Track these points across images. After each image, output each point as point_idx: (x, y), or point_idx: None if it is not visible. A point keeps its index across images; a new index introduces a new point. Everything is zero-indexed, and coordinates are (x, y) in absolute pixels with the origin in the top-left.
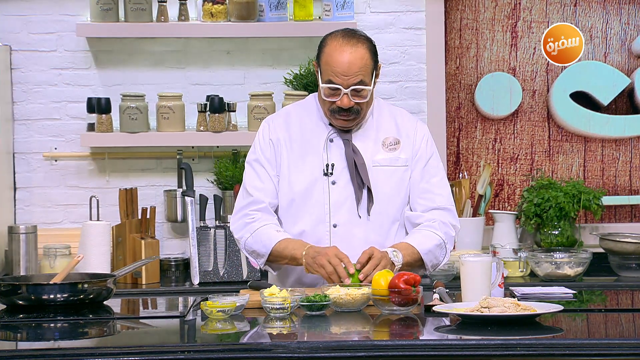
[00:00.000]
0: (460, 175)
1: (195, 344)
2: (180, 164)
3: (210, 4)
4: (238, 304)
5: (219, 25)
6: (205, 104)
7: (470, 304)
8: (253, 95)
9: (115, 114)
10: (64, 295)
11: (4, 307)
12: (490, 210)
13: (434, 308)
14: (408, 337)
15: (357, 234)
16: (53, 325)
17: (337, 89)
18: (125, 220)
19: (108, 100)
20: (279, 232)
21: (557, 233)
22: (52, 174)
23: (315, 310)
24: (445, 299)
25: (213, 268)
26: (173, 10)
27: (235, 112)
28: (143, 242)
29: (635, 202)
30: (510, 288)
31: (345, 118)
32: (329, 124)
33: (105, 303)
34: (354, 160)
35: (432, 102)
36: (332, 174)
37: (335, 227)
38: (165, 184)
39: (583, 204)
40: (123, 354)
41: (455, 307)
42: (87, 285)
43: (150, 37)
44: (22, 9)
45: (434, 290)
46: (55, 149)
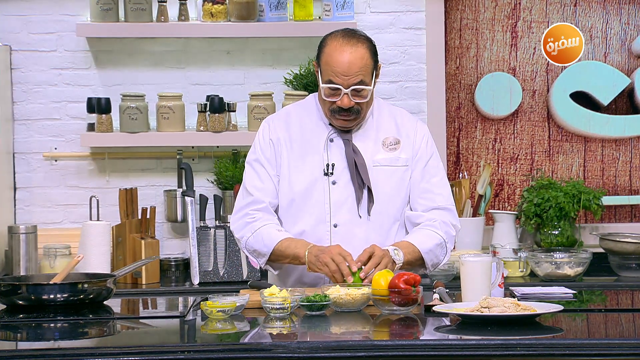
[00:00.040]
0: (460, 175)
1: (195, 344)
2: (180, 164)
3: (210, 4)
4: (238, 304)
5: (219, 25)
6: (205, 104)
7: (470, 304)
8: (253, 95)
9: (115, 114)
10: (64, 295)
11: (4, 307)
12: (490, 210)
13: (434, 308)
14: (408, 337)
15: (357, 234)
16: (53, 325)
17: (337, 89)
18: (125, 220)
19: (108, 100)
20: (280, 231)
21: (557, 233)
22: (52, 174)
23: (315, 310)
24: (445, 299)
25: (213, 268)
26: (173, 10)
27: (235, 112)
28: (143, 242)
29: (635, 202)
30: (510, 288)
31: (346, 118)
32: (329, 124)
33: (105, 303)
34: (355, 160)
35: (432, 102)
36: (332, 174)
37: (336, 227)
38: (165, 184)
39: (583, 204)
40: (123, 354)
41: (455, 307)
42: (87, 285)
43: (150, 37)
44: (22, 9)
45: (434, 290)
46: (55, 149)
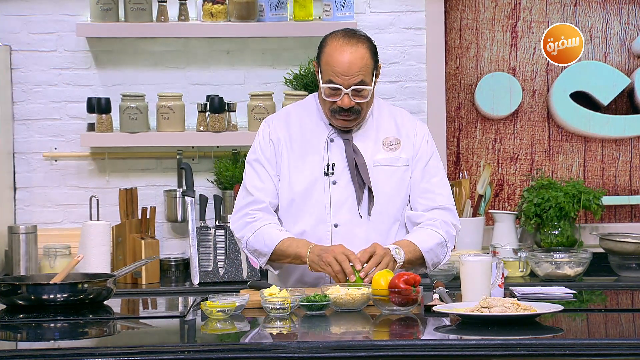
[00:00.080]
0: (460, 175)
1: (195, 344)
2: (180, 164)
3: (210, 4)
4: (238, 304)
5: (219, 25)
6: (205, 104)
7: (470, 304)
8: (253, 95)
9: (115, 114)
10: (64, 295)
11: (4, 307)
12: (490, 210)
13: (434, 308)
14: (408, 337)
15: (358, 234)
16: (53, 325)
17: (337, 89)
18: (125, 220)
19: (108, 100)
20: (281, 231)
21: (557, 233)
22: (52, 174)
23: (315, 310)
24: (445, 299)
25: (213, 268)
26: (173, 10)
27: (235, 112)
28: (143, 242)
29: (635, 202)
30: (510, 288)
31: (346, 118)
32: (329, 124)
33: (105, 303)
34: (355, 160)
35: (432, 102)
36: (332, 174)
37: (337, 226)
38: (165, 184)
39: (583, 204)
40: (123, 354)
41: (455, 307)
42: (87, 285)
43: (150, 37)
44: (22, 9)
45: (434, 290)
46: (55, 149)
